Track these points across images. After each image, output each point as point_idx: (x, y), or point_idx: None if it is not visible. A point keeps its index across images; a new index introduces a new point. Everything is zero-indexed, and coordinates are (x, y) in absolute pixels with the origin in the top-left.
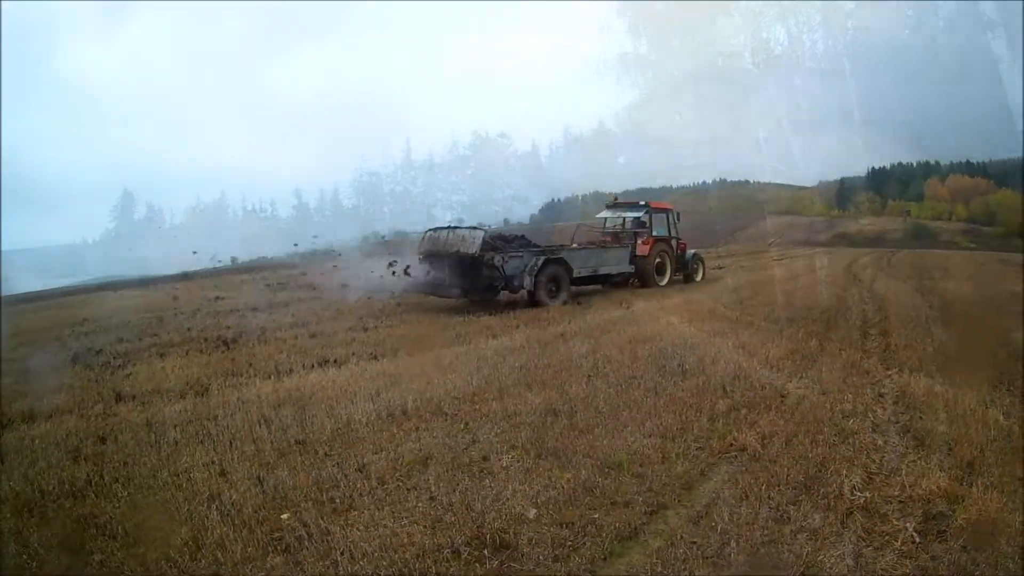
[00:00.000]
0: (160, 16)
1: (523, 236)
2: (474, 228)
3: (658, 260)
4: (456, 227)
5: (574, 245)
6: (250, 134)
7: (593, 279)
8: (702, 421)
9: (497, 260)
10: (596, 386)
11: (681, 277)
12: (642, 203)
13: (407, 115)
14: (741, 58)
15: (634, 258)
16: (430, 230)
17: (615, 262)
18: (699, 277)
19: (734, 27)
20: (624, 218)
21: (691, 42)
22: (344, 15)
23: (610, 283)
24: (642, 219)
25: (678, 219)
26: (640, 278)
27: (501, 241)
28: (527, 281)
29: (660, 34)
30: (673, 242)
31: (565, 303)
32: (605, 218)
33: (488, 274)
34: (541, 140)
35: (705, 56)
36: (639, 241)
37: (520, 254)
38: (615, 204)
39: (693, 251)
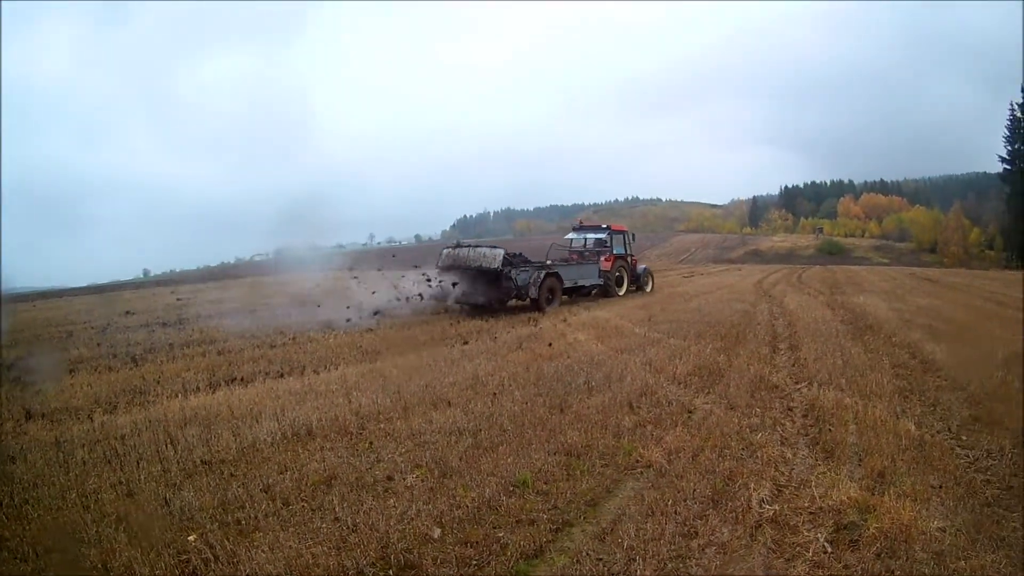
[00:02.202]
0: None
1: (521, 254)
2: (494, 247)
3: (617, 274)
4: (476, 245)
5: (551, 262)
6: (163, 143)
7: (574, 290)
8: (607, 438)
9: (513, 273)
10: (501, 404)
11: (635, 288)
12: (604, 226)
13: (320, 128)
14: (655, 76)
15: (599, 272)
16: (447, 248)
17: (590, 275)
18: (649, 288)
19: (648, 45)
20: (587, 239)
21: (605, 59)
22: (259, 21)
23: (582, 293)
24: (604, 239)
25: (633, 239)
26: (603, 289)
27: (513, 258)
28: (533, 291)
29: (575, 50)
30: (629, 259)
31: (558, 307)
32: (571, 239)
33: (506, 285)
34: (453, 155)
35: (619, 73)
36: (602, 258)
37: (527, 268)
38: (581, 227)
39: (644, 266)
